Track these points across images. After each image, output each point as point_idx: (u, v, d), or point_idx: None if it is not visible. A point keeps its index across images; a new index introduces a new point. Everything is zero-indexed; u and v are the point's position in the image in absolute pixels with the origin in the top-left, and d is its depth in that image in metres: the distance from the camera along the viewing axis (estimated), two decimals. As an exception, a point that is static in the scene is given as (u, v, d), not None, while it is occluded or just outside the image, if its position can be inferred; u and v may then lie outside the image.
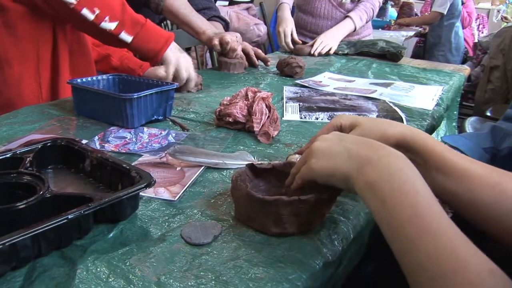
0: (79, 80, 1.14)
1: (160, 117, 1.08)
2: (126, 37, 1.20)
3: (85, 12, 1.14)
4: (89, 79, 1.17)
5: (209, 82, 1.45)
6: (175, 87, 1.08)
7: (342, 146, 0.60)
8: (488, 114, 3.04)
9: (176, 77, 1.29)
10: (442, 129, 1.73)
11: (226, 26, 1.83)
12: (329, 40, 2.12)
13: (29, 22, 1.23)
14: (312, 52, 2.07)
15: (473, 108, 4.02)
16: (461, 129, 2.73)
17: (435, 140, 0.70)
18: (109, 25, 1.17)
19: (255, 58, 1.73)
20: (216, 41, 1.55)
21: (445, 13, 4.33)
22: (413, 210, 0.51)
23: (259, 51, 1.75)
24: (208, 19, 1.70)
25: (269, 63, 1.75)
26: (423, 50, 5.14)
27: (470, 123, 2.84)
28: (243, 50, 1.69)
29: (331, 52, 2.11)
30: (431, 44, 4.71)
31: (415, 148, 0.68)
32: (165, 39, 1.25)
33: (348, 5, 2.30)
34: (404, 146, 0.68)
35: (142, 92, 1.00)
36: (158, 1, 1.54)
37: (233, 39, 1.58)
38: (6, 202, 0.58)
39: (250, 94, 1.02)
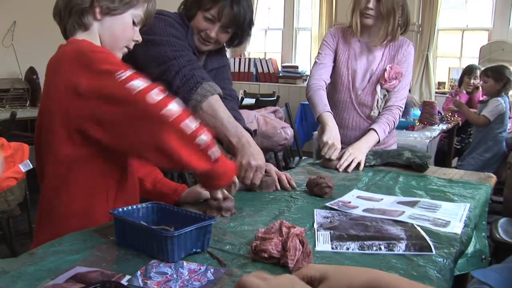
0: (120, 210, 1.20)
1: (199, 250, 1.12)
2: (215, 153, 1.21)
3: (188, 122, 1.15)
4: (129, 208, 1.22)
5: (241, 204, 1.49)
6: (213, 222, 1.12)
7: None
8: (519, 215, 3.02)
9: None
10: (472, 241, 1.73)
11: (253, 135, 1.85)
12: (357, 153, 2.11)
13: (106, 158, 1.29)
14: (337, 167, 2.06)
15: (503, 204, 3.99)
16: (491, 231, 2.71)
17: (401, 279, 0.77)
18: (205, 137, 1.18)
19: (287, 183, 1.73)
20: (247, 181, 1.61)
21: (491, 120, 4.44)
22: None
23: (289, 175, 1.77)
24: None
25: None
26: (447, 145, 5.22)
27: (500, 226, 2.83)
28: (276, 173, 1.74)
29: (360, 168, 2.09)
30: (472, 147, 4.77)
31: None
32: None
33: (376, 117, 2.32)
34: None
35: (183, 230, 1.05)
36: (200, 99, 1.60)
37: (258, 177, 1.63)
38: None
39: (284, 229, 1.07)
